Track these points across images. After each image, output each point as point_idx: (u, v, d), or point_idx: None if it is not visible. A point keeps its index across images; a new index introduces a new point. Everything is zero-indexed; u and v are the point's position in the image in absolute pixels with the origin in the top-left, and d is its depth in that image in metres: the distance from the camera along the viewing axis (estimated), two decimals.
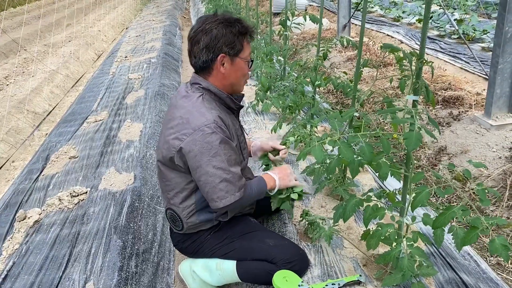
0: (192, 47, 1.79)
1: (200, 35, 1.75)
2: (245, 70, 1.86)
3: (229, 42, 1.76)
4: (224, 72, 1.80)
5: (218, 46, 1.74)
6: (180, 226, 1.94)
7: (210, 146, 1.69)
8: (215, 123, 1.71)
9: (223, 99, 1.85)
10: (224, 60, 1.78)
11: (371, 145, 1.63)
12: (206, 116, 1.71)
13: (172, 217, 1.95)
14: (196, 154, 1.69)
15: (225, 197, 1.72)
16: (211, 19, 1.77)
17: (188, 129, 1.71)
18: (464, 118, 3.88)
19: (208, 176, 1.71)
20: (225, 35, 1.75)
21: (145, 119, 4.17)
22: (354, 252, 2.13)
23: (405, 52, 1.45)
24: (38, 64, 7.53)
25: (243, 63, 1.84)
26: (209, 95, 1.82)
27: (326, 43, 2.90)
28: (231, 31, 1.76)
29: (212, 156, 1.69)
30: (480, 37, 7.06)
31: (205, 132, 1.68)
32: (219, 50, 1.75)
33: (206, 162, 1.69)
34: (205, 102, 1.78)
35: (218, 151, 1.70)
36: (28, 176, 3.36)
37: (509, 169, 3.01)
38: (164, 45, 7.77)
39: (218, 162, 1.70)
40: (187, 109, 1.76)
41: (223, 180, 1.71)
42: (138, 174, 3.05)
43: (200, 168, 1.71)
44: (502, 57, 3.42)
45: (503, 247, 1.40)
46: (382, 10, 10.43)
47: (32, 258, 2.28)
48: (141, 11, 14.80)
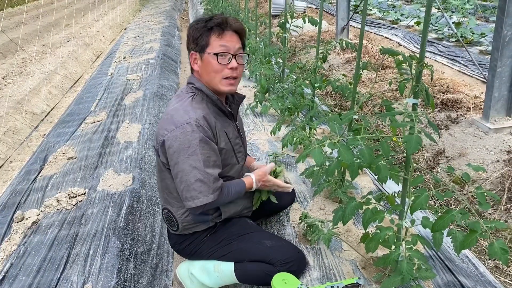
0: None
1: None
2: (215, 65, 1.78)
3: (194, 38, 1.79)
4: (198, 69, 1.84)
5: (189, 45, 1.82)
6: (176, 226, 1.95)
7: (189, 144, 1.70)
8: (196, 121, 1.72)
9: (214, 101, 1.86)
10: (195, 57, 1.83)
11: (371, 148, 1.64)
12: (189, 114, 1.74)
13: (168, 217, 1.96)
14: (175, 151, 1.72)
15: (198, 197, 1.73)
16: (195, 21, 1.84)
17: (171, 125, 1.74)
18: (462, 121, 3.89)
19: (183, 174, 1.73)
20: (192, 32, 1.80)
21: (143, 120, 4.17)
22: (353, 255, 2.13)
23: (405, 56, 1.45)
24: (36, 64, 7.51)
25: (211, 57, 1.77)
26: (201, 96, 1.84)
27: (325, 46, 2.91)
28: (196, 28, 1.79)
29: (190, 155, 1.71)
30: (478, 40, 7.09)
31: (186, 129, 1.70)
32: (190, 48, 1.82)
33: (183, 160, 1.71)
34: (194, 102, 1.81)
35: (196, 150, 1.71)
36: (26, 176, 3.35)
37: (507, 172, 3.01)
38: (163, 46, 7.76)
39: (194, 161, 1.71)
40: (175, 106, 1.80)
41: (198, 180, 1.72)
42: (136, 176, 3.05)
43: (177, 165, 1.73)
44: (501, 61, 3.43)
45: (502, 251, 1.40)
46: (381, 13, 10.46)
47: (30, 259, 2.27)
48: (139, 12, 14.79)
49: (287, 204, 2.46)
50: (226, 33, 1.79)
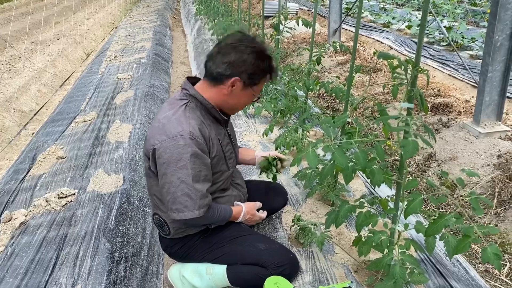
0: (217, 54, 1.76)
1: (231, 50, 1.74)
2: (249, 101, 1.89)
3: (251, 72, 1.75)
4: (230, 92, 1.78)
5: (240, 69, 1.73)
6: (167, 231, 1.93)
7: (179, 157, 1.66)
8: (190, 134, 1.68)
9: (209, 109, 1.82)
10: (236, 84, 1.76)
11: (365, 151, 1.63)
12: (183, 126, 1.69)
13: (159, 222, 1.94)
14: (164, 162, 1.68)
15: (183, 211, 1.71)
16: (249, 42, 1.76)
17: (162, 135, 1.69)
18: (453, 125, 3.92)
19: (170, 186, 1.70)
20: (252, 64, 1.74)
21: (134, 120, 4.13)
22: (345, 258, 2.13)
23: (400, 60, 1.45)
24: (25, 61, 7.42)
25: (251, 95, 1.84)
26: (195, 103, 1.80)
27: (319, 48, 2.91)
28: (259, 65, 1.76)
29: (179, 168, 1.67)
30: (468, 44, 7.16)
31: (178, 142, 1.66)
32: (239, 73, 1.74)
33: (172, 172, 1.68)
34: (187, 111, 1.76)
35: (186, 164, 1.67)
36: (14, 176, 3.29)
37: (497, 176, 3.04)
38: (154, 46, 7.72)
39: (183, 175, 1.68)
40: (167, 115, 1.75)
41: (184, 194, 1.70)
42: (127, 176, 3.01)
43: (165, 176, 1.70)
44: (492, 66, 3.46)
45: (495, 256, 1.40)
46: (372, 16, 10.52)
47: (18, 261, 2.23)
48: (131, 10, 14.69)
49: (280, 206, 2.45)
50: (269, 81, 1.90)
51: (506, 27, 3.35)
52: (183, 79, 1.90)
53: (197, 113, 1.78)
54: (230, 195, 2.04)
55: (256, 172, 2.97)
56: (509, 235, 2.64)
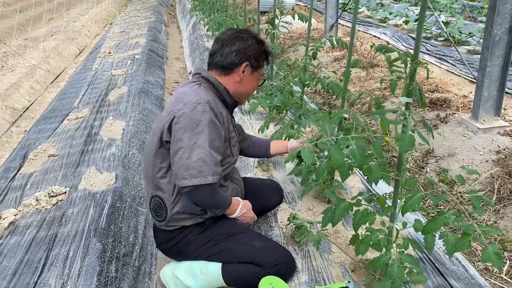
0: (222, 47, 1.91)
1: (235, 40, 1.90)
2: (256, 85, 2.04)
3: (257, 55, 1.93)
4: (241, 78, 1.93)
5: (248, 54, 1.90)
6: (163, 215, 1.87)
7: (197, 123, 1.71)
8: (208, 103, 1.76)
9: (220, 91, 1.91)
10: (246, 68, 1.92)
11: (362, 148, 1.58)
12: (201, 95, 1.78)
13: (156, 205, 1.89)
14: (182, 127, 1.71)
15: (196, 176, 1.70)
16: (247, 32, 1.97)
17: (181, 105, 1.76)
18: (451, 120, 3.87)
19: (185, 151, 1.70)
20: (256, 48, 1.93)
21: (128, 116, 4.06)
22: (342, 257, 2.08)
23: (400, 53, 1.40)
24: (18, 58, 7.32)
25: (257, 79, 2.01)
26: (208, 85, 1.90)
27: (315, 43, 2.85)
28: (261, 48, 1.96)
29: (197, 133, 1.71)
30: (466, 40, 7.12)
31: (197, 108, 1.73)
32: (247, 58, 1.90)
33: (188, 137, 1.70)
34: (202, 88, 1.86)
35: (204, 130, 1.71)
36: (4, 174, 3.23)
37: (496, 172, 2.99)
38: (149, 42, 7.63)
39: (200, 140, 1.70)
40: (184, 90, 1.87)
41: (200, 160, 1.70)
42: (119, 174, 2.95)
43: (181, 142, 1.71)
44: (490, 60, 3.41)
45: (496, 256, 1.36)
46: (369, 11, 10.46)
47: (6, 262, 2.17)
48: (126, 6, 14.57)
49: (275, 204, 2.41)
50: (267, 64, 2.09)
51: (505, 20, 3.30)
52: (178, 75, 1.92)
53: (210, 92, 1.88)
54: (229, 187, 2.03)
55: (251, 170, 2.92)
56: (509, 232, 2.59)
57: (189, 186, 1.71)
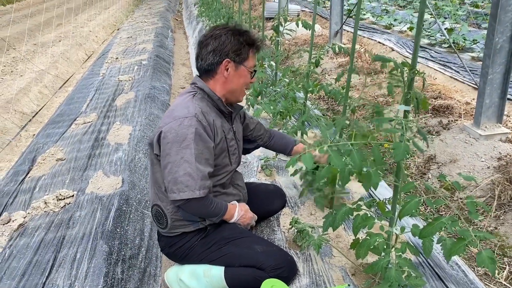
0: (200, 50, 1.89)
1: (209, 40, 1.86)
2: (247, 79, 1.95)
3: (235, 49, 1.86)
4: (227, 77, 1.88)
5: (225, 51, 1.85)
6: (164, 223, 1.93)
7: (184, 137, 1.73)
8: (195, 116, 1.77)
9: (214, 100, 1.91)
10: (228, 65, 1.87)
11: (361, 153, 1.62)
12: (189, 109, 1.79)
13: (157, 214, 1.95)
14: (169, 142, 1.75)
15: (184, 190, 1.74)
16: (221, 27, 1.90)
17: (169, 118, 1.79)
18: (454, 127, 3.90)
19: (173, 166, 1.74)
20: (232, 42, 1.85)
21: (134, 121, 4.13)
22: (343, 261, 2.12)
23: (396, 63, 1.45)
24: (27, 63, 7.44)
25: (247, 72, 1.93)
26: (202, 95, 1.90)
27: (318, 50, 2.90)
28: (239, 39, 1.87)
29: (183, 148, 1.74)
30: (470, 46, 7.13)
31: (183, 123, 1.75)
32: (225, 55, 1.85)
33: (175, 152, 1.74)
34: (195, 99, 1.86)
35: (190, 144, 1.74)
36: (13, 177, 3.30)
37: (497, 179, 3.02)
38: (156, 47, 7.72)
39: (186, 155, 1.73)
40: (176, 103, 1.88)
41: (186, 174, 1.74)
42: (126, 178, 3.01)
43: (169, 156, 1.75)
44: (492, 68, 3.45)
45: (489, 260, 1.40)
46: (374, 18, 10.50)
47: (15, 262, 2.23)
48: (133, 12, 14.72)
49: (278, 208, 2.45)
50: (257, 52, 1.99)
51: (506, 29, 3.34)
52: (184, 81, 1.96)
53: (204, 102, 1.88)
54: (230, 193, 2.06)
55: (254, 175, 2.97)
56: (509, 238, 2.62)
57: (178, 200, 1.77)
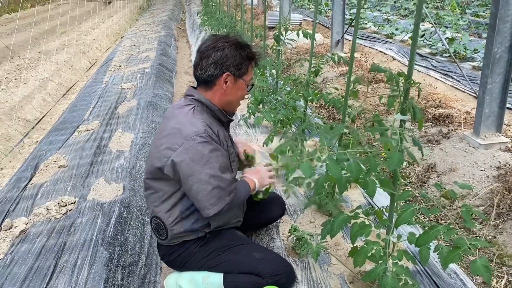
0: (200, 60, 1.87)
1: (211, 51, 1.84)
2: (245, 92, 1.96)
3: (237, 63, 1.86)
4: (225, 89, 1.88)
5: (226, 64, 1.84)
6: (165, 235, 1.94)
7: (201, 154, 1.74)
8: (206, 132, 1.77)
9: (214, 111, 1.91)
10: (228, 79, 1.87)
11: (358, 162, 1.65)
12: (197, 126, 1.78)
13: (157, 226, 1.95)
14: (188, 163, 1.74)
15: (217, 203, 1.77)
16: (224, 39, 1.88)
17: (180, 139, 1.76)
18: (454, 136, 3.92)
19: (201, 184, 1.75)
20: (234, 56, 1.85)
21: (136, 129, 4.17)
22: (341, 269, 2.13)
23: (391, 73, 1.48)
24: (30, 71, 7.51)
25: (244, 85, 1.94)
26: (201, 107, 1.89)
27: (318, 59, 2.94)
28: (241, 54, 1.87)
29: (204, 164, 1.74)
30: (471, 56, 7.17)
31: (196, 141, 1.74)
32: (226, 68, 1.84)
33: (199, 170, 1.74)
34: (196, 113, 1.85)
35: (210, 160, 1.75)
36: (16, 184, 3.33)
37: (497, 188, 3.04)
38: (159, 56, 7.79)
39: (210, 170, 1.75)
40: (179, 119, 1.83)
41: (216, 187, 1.76)
42: (127, 185, 3.04)
43: (193, 177, 1.75)
44: (491, 77, 3.48)
45: (484, 268, 1.41)
46: (376, 27, 10.56)
47: (17, 268, 2.25)
48: (136, 21, 14.85)
49: (277, 216, 2.47)
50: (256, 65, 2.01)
51: (505, 39, 3.37)
52: (186, 89, 1.97)
53: (204, 115, 1.88)
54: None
55: None
56: (507, 247, 2.63)
57: (214, 214, 1.79)
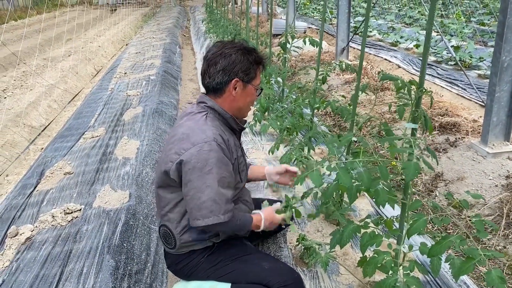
0: (208, 68, 1.86)
1: (218, 58, 1.83)
2: (254, 97, 1.95)
3: (245, 68, 1.85)
4: (235, 95, 1.87)
5: (234, 70, 1.83)
6: (173, 244, 1.92)
7: (205, 163, 1.71)
8: (215, 140, 1.74)
9: (227, 119, 1.90)
10: (237, 85, 1.86)
11: (369, 171, 1.63)
12: (206, 133, 1.76)
13: (165, 234, 1.93)
14: (190, 168, 1.71)
15: (208, 216, 1.72)
16: (230, 45, 1.87)
17: (187, 144, 1.74)
18: (461, 144, 3.90)
19: (196, 192, 1.72)
20: (242, 61, 1.84)
21: (142, 136, 4.17)
22: (350, 279, 2.11)
23: (404, 82, 1.46)
24: (36, 78, 7.54)
25: (254, 90, 1.93)
26: (213, 114, 1.88)
27: (325, 67, 2.93)
28: (248, 58, 1.86)
29: (205, 173, 1.71)
30: (477, 64, 7.16)
31: (203, 148, 1.71)
32: (235, 74, 1.83)
33: (198, 178, 1.71)
34: (208, 120, 1.83)
35: (212, 169, 1.71)
36: (22, 191, 3.32)
37: (506, 197, 3.00)
38: (164, 63, 7.81)
39: (209, 180, 1.71)
40: (189, 126, 1.82)
41: (210, 199, 1.71)
42: (133, 193, 3.02)
43: (191, 183, 1.72)
44: (499, 86, 3.45)
45: (499, 279, 1.39)
46: (380, 35, 10.58)
47: (22, 276, 2.23)
48: (141, 28, 14.93)
49: (285, 225, 2.44)
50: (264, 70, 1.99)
51: None
52: (191, 96, 1.95)
53: (216, 122, 1.86)
54: (239, 209, 2.04)
55: (261, 190, 2.97)
56: None
57: (202, 226, 1.75)
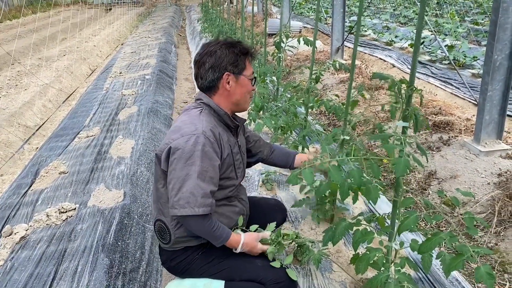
0: (198, 69, 1.91)
1: (205, 58, 1.88)
2: (249, 87, 1.98)
3: (232, 61, 1.89)
4: (230, 89, 1.91)
5: (222, 65, 1.87)
6: (168, 238, 1.93)
7: (190, 154, 1.74)
8: (203, 134, 1.77)
9: (221, 115, 1.92)
10: (229, 78, 1.89)
11: (360, 169, 1.65)
12: (197, 126, 1.80)
13: (160, 229, 1.95)
14: (176, 158, 1.75)
15: (184, 207, 1.74)
16: (214, 43, 1.92)
17: (177, 135, 1.79)
18: (454, 143, 3.93)
19: (177, 181, 1.75)
20: (227, 55, 1.88)
21: (137, 135, 4.17)
22: (343, 276, 2.13)
23: (394, 80, 1.48)
24: (31, 77, 7.52)
25: (247, 80, 1.95)
26: (209, 110, 1.91)
27: (319, 66, 2.95)
28: (233, 51, 1.89)
29: (188, 164, 1.74)
30: (471, 63, 7.20)
31: (190, 140, 1.75)
32: (224, 69, 1.88)
33: (181, 168, 1.74)
34: (202, 115, 1.87)
35: (195, 162, 1.74)
36: (16, 190, 3.32)
37: (498, 195, 3.03)
38: (159, 62, 7.81)
39: (191, 171, 1.74)
40: (183, 119, 1.87)
41: (188, 191, 1.73)
42: (128, 192, 3.03)
43: (174, 172, 1.76)
44: (491, 85, 3.49)
45: (488, 275, 1.41)
46: (375, 34, 10.62)
47: (17, 275, 2.24)
48: (137, 27, 14.91)
49: (279, 223, 2.45)
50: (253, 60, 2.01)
51: (505, 47, 3.39)
52: (187, 96, 1.98)
53: (211, 118, 1.89)
54: (235, 206, 2.05)
55: (256, 189, 2.99)
56: (509, 254, 2.62)
57: (178, 216, 1.77)
